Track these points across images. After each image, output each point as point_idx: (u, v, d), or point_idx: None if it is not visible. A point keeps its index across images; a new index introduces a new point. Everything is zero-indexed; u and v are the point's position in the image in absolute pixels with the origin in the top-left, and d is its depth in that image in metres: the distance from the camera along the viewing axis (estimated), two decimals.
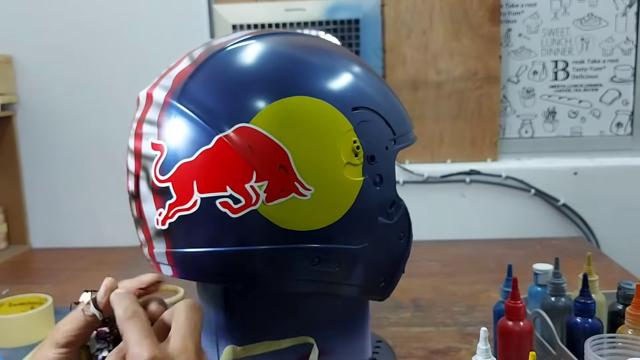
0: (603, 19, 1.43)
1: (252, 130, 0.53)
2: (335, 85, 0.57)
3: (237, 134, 0.53)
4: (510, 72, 1.47)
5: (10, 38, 1.43)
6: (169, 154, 0.54)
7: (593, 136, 1.48)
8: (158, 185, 0.54)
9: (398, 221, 0.61)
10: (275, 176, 0.53)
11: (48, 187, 1.48)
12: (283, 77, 0.56)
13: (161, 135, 0.55)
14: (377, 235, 0.59)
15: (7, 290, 1.14)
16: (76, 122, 1.45)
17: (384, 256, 0.61)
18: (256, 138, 0.53)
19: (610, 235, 1.41)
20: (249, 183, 0.52)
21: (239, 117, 0.53)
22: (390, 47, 1.42)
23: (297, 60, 0.58)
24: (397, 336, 0.86)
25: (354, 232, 0.57)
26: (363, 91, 0.59)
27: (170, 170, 0.54)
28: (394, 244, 0.62)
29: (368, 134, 0.57)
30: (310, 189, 0.54)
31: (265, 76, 0.56)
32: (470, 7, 1.40)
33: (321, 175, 0.54)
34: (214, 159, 0.52)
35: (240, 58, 0.58)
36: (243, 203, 0.52)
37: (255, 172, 0.52)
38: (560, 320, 0.69)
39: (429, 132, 1.45)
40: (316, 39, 0.67)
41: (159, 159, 0.54)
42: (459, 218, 1.43)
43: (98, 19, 1.41)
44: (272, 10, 1.41)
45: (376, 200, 0.58)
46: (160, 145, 0.54)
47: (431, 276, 1.13)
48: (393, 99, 0.64)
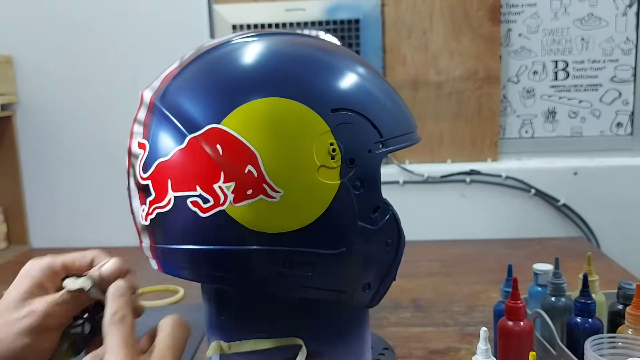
0: (603, 19, 1.43)
1: (222, 131, 0.53)
2: (314, 87, 0.56)
3: (208, 134, 0.53)
4: (511, 72, 1.47)
5: (10, 38, 1.43)
6: (149, 153, 0.56)
7: (593, 136, 1.48)
8: (141, 183, 0.57)
9: (383, 227, 0.58)
10: (243, 177, 0.53)
11: (48, 187, 1.48)
12: (258, 78, 0.56)
13: (145, 135, 0.57)
14: (357, 240, 0.57)
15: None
16: (76, 122, 1.45)
17: (366, 263, 0.59)
18: (225, 139, 0.53)
19: (610, 235, 1.41)
20: (217, 183, 0.53)
21: (211, 118, 0.54)
22: (391, 47, 1.42)
23: (279, 60, 0.58)
24: (397, 336, 0.86)
25: (328, 236, 0.55)
26: (347, 92, 0.58)
27: (150, 169, 0.56)
28: (380, 250, 0.60)
29: (348, 136, 0.55)
30: (279, 191, 0.53)
31: (239, 78, 0.56)
32: (471, 7, 1.40)
33: (291, 178, 0.53)
34: (186, 159, 0.54)
35: (220, 59, 0.59)
36: (212, 203, 0.53)
37: (223, 173, 0.53)
38: (561, 320, 0.69)
39: (429, 132, 1.45)
40: (317, 40, 0.67)
41: (142, 157, 0.57)
42: (459, 218, 1.43)
43: (98, 19, 1.41)
44: (272, 10, 1.41)
45: (355, 205, 0.56)
46: (144, 144, 0.57)
47: (431, 276, 1.13)
48: (389, 99, 0.62)
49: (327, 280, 0.57)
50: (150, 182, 0.56)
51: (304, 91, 0.56)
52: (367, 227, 0.57)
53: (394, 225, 0.60)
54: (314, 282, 0.56)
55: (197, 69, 0.58)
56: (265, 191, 0.53)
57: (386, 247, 0.60)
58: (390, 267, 0.62)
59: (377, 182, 0.58)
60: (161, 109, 0.56)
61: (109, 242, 1.46)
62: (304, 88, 0.56)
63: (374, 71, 0.64)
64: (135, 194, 0.58)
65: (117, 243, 1.46)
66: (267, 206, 0.53)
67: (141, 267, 0.63)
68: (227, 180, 0.53)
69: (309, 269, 0.55)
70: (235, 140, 0.53)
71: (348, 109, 0.56)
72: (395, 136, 0.59)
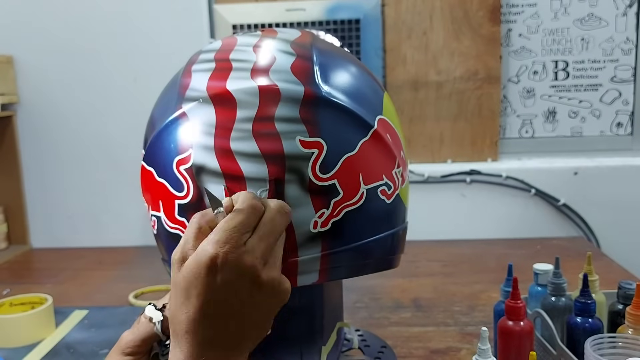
0: (603, 19, 1.43)
1: (385, 121, 0.58)
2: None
3: (380, 125, 0.57)
4: (511, 72, 1.47)
5: (10, 38, 1.43)
6: (329, 150, 0.52)
7: (593, 136, 1.48)
8: (319, 185, 0.52)
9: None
10: (403, 161, 0.60)
11: (48, 187, 1.48)
12: (373, 76, 0.63)
13: (315, 132, 0.52)
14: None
15: (7, 290, 1.14)
16: (76, 122, 1.45)
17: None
18: (389, 128, 0.58)
19: (610, 235, 1.41)
20: (394, 169, 0.58)
21: (377, 110, 0.57)
22: (391, 47, 1.42)
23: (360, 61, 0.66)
24: (397, 336, 0.86)
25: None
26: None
27: (335, 167, 0.53)
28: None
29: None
30: (408, 171, 0.63)
31: (367, 73, 0.62)
32: (471, 7, 1.40)
33: (407, 160, 0.63)
34: (373, 151, 0.56)
35: (349, 54, 0.64)
36: (393, 188, 0.58)
37: (397, 159, 0.58)
38: (561, 320, 0.69)
39: (429, 132, 1.45)
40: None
41: (317, 157, 0.52)
42: (459, 218, 1.43)
43: (98, 18, 1.41)
44: (273, 10, 1.41)
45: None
46: (317, 142, 0.52)
47: (431, 276, 1.13)
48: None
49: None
50: (336, 181, 0.53)
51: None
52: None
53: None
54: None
55: (339, 62, 0.59)
56: (407, 172, 0.62)
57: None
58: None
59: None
60: (339, 103, 0.54)
61: (109, 242, 1.46)
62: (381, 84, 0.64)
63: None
64: (303, 201, 0.52)
65: (117, 243, 1.46)
66: (408, 185, 0.63)
67: (141, 267, 0.63)
68: (398, 166, 0.59)
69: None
70: (393, 129, 0.59)
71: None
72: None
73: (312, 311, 0.64)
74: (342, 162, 0.53)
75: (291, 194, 0.52)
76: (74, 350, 0.87)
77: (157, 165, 0.56)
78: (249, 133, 0.52)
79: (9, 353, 0.86)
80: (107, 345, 0.85)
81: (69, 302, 1.06)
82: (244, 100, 0.53)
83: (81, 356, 0.85)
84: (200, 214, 0.49)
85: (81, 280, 1.20)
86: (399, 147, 0.59)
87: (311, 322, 0.65)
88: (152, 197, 0.57)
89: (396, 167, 0.58)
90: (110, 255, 1.36)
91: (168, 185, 0.55)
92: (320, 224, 0.53)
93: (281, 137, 0.52)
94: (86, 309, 1.02)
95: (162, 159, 0.55)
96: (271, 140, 0.52)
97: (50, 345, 0.89)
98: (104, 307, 1.03)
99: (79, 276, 1.23)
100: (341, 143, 0.53)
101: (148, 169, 0.57)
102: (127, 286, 1.10)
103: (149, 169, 0.57)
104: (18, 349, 0.88)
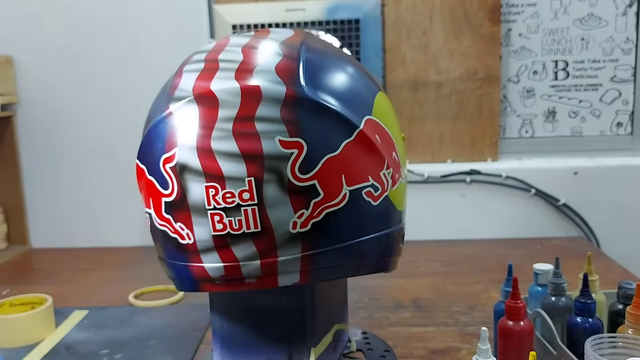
0: (603, 19, 1.43)
1: (374, 121, 0.57)
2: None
3: (368, 125, 0.56)
4: (511, 72, 1.47)
5: (10, 38, 1.43)
6: (310, 151, 0.52)
7: (593, 136, 1.48)
8: (299, 185, 0.52)
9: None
10: (394, 163, 0.59)
11: (48, 187, 1.48)
12: (369, 75, 0.63)
13: (296, 132, 0.52)
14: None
15: (7, 290, 1.14)
16: (76, 122, 1.45)
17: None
18: (379, 129, 0.57)
19: (610, 235, 1.41)
20: (382, 171, 0.57)
21: (365, 110, 0.56)
22: (391, 47, 1.42)
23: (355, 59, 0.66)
24: (397, 336, 0.86)
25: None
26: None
27: (315, 167, 0.52)
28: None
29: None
30: (404, 173, 0.62)
31: (362, 71, 0.61)
32: (470, 7, 1.40)
33: (404, 160, 0.63)
34: (357, 152, 0.55)
35: (344, 53, 0.63)
36: (380, 190, 0.57)
37: (386, 161, 0.57)
38: (561, 320, 0.69)
39: (429, 132, 1.45)
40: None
41: (297, 157, 0.52)
42: (459, 218, 1.43)
43: (98, 19, 1.41)
44: (272, 10, 1.41)
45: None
46: (297, 142, 0.52)
47: (431, 276, 1.13)
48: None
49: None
50: (316, 182, 0.52)
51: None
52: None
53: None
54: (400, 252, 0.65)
55: (324, 60, 0.57)
56: (401, 174, 0.61)
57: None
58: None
59: None
60: (321, 103, 0.53)
61: (109, 242, 1.46)
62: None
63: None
64: (281, 201, 0.52)
65: (117, 243, 1.46)
66: (402, 187, 0.61)
67: (141, 267, 0.63)
68: (387, 167, 0.58)
69: (402, 241, 0.64)
70: (383, 130, 0.58)
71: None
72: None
73: (301, 311, 0.63)
74: (322, 163, 0.52)
75: (270, 193, 0.52)
76: (73, 350, 0.87)
77: (148, 163, 0.57)
78: (229, 133, 0.52)
79: (9, 353, 0.86)
80: (107, 346, 0.85)
81: (68, 302, 1.06)
82: (226, 100, 0.53)
83: (81, 356, 0.85)
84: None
85: (81, 280, 1.20)
86: (389, 148, 0.58)
87: (301, 323, 0.64)
88: (145, 194, 0.58)
89: (385, 168, 0.57)
90: (110, 255, 1.36)
91: (156, 183, 0.56)
92: (299, 225, 0.53)
93: (260, 136, 0.52)
94: (86, 309, 1.02)
95: (151, 157, 0.56)
96: (251, 140, 0.52)
97: (50, 345, 0.89)
98: (103, 307, 1.03)
99: (78, 276, 1.23)
100: (323, 143, 0.52)
101: (141, 166, 0.58)
102: (127, 286, 1.10)
103: (141, 166, 0.58)
104: (18, 349, 0.88)
